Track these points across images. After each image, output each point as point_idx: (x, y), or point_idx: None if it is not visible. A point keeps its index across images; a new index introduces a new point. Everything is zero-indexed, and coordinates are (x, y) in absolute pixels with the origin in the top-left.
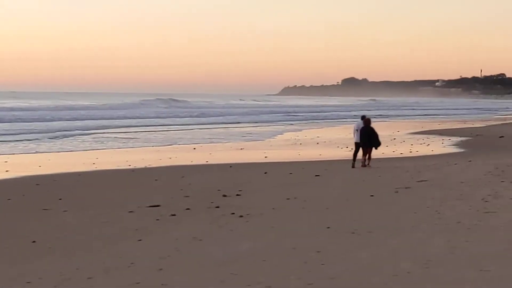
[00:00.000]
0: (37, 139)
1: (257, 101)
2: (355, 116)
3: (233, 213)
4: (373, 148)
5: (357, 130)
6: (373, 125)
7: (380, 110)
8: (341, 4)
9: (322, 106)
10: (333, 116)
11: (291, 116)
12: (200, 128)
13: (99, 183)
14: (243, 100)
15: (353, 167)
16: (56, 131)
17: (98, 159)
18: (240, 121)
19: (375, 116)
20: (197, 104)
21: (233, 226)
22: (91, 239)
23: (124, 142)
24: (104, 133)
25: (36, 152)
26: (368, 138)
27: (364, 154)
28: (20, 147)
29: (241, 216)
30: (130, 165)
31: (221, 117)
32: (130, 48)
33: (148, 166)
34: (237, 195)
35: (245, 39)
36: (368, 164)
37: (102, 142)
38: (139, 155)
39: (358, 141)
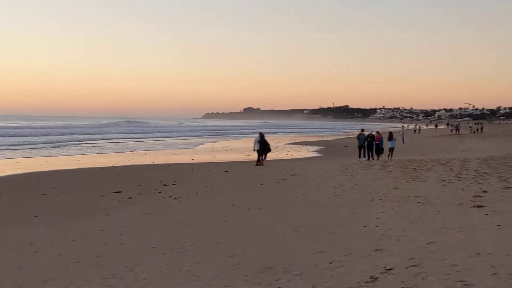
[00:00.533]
0: (41, 148)
1: (188, 122)
2: (253, 133)
3: (170, 196)
4: (266, 153)
5: (257, 142)
6: (266, 138)
7: (270, 129)
8: (240, 57)
9: (231, 126)
10: (238, 133)
11: (210, 133)
12: (149, 140)
13: (80, 176)
14: (178, 122)
15: (256, 165)
16: (55, 142)
17: (80, 161)
18: (176, 136)
19: (267, 133)
20: (151, 124)
21: (170, 204)
22: (74, 214)
23: (98, 150)
24: (85, 143)
25: (38, 156)
26: (263, 147)
27: (260, 156)
28: (28, 153)
29: (175, 198)
30: (101, 165)
31: (164, 133)
32: (105, 81)
33: (113, 165)
34: (173, 184)
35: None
36: (263, 163)
37: (84, 150)
38: (108, 158)
39: (258, 148)
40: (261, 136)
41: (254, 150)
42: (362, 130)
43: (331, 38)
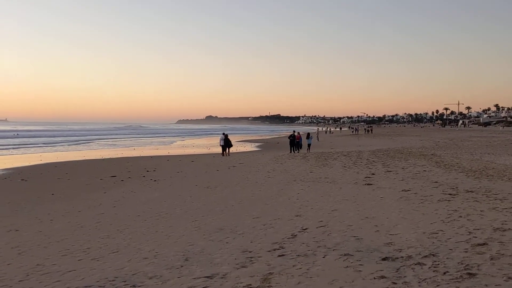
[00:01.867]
0: (60, 145)
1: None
2: (218, 133)
3: (151, 179)
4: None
5: (221, 139)
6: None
7: (225, 130)
8: (204, 77)
9: (197, 129)
10: (202, 134)
11: (182, 133)
12: (139, 139)
13: (86, 165)
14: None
15: (222, 155)
16: (71, 142)
17: (86, 154)
18: (157, 135)
19: (223, 133)
20: (143, 127)
21: (151, 185)
22: (80, 192)
23: (101, 146)
24: (93, 142)
25: (58, 151)
26: (226, 143)
27: (224, 150)
28: (49, 148)
29: (155, 181)
30: (102, 157)
31: (150, 134)
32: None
33: (110, 157)
34: (154, 170)
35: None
36: (228, 155)
37: (91, 146)
38: (107, 152)
39: (223, 144)
40: (226, 135)
41: (220, 145)
42: (294, 131)
43: (268, 64)
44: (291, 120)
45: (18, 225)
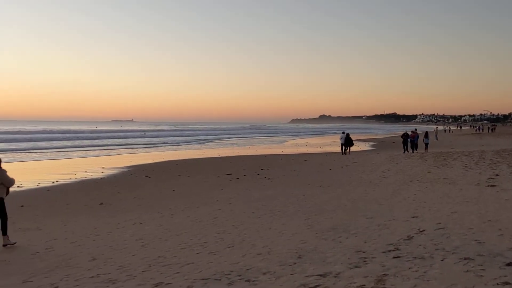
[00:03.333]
0: (182, 144)
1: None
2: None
3: (265, 177)
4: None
5: (342, 138)
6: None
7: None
8: (317, 76)
9: (310, 128)
10: (315, 133)
11: (295, 132)
12: (256, 138)
13: (204, 163)
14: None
15: (342, 154)
16: (193, 141)
17: (205, 152)
18: (272, 135)
19: (338, 133)
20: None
21: (264, 183)
22: (199, 189)
23: (220, 145)
24: (213, 142)
25: (179, 150)
26: (347, 141)
27: (345, 149)
28: (171, 147)
29: (268, 179)
30: (219, 155)
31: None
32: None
33: (227, 156)
34: (268, 169)
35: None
36: (349, 153)
37: (210, 145)
38: (224, 151)
39: (343, 143)
40: (347, 134)
41: (340, 144)
42: (406, 130)
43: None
44: (408, 118)
45: (142, 218)
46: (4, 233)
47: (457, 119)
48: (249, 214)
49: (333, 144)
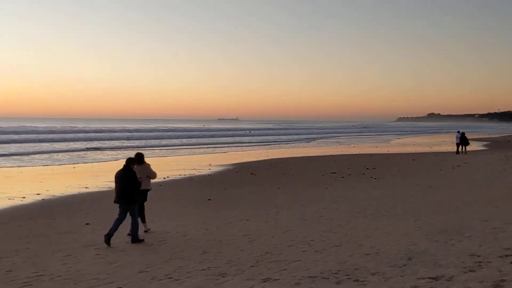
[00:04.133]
0: (285, 142)
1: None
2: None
3: (371, 177)
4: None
5: (457, 137)
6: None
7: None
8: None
9: (418, 126)
10: (422, 132)
11: (402, 131)
12: (359, 137)
13: (307, 162)
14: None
15: (456, 154)
16: (295, 140)
17: (309, 151)
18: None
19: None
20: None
21: (371, 183)
22: (303, 187)
23: (323, 144)
24: (316, 140)
25: (282, 148)
26: (463, 141)
27: (461, 148)
28: (274, 145)
29: (375, 178)
30: (323, 154)
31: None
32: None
33: (331, 154)
34: (373, 168)
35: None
36: (465, 153)
37: (314, 144)
38: (328, 150)
39: (458, 142)
40: (462, 133)
41: (455, 143)
42: None
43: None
44: None
45: (248, 215)
46: (143, 220)
47: None
48: (355, 213)
49: (443, 144)
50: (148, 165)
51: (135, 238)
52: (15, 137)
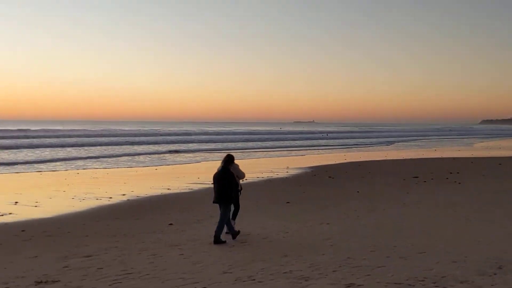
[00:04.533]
0: (362, 146)
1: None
2: None
3: (455, 181)
4: None
5: None
6: None
7: None
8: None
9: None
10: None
11: (486, 134)
12: (441, 140)
13: (387, 165)
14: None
15: None
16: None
17: (388, 154)
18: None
19: None
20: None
21: (451, 187)
22: (383, 191)
23: (404, 147)
24: (396, 144)
25: (361, 151)
26: None
27: None
28: (351, 148)
29: (459, 183)
30: (403, 157)
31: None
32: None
33: (411, 158)
34: (457, 172)
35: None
36: None
37: (394, 147)
38: (408, 153)
39: None
40: None
41: None
42: None
43: None
44: None
45: (328, 218)
46: (233, 217)
47: None
48: (439, 219)
49: None
50: (237, 165)
51: (217, 239)
52: (103, 139)
